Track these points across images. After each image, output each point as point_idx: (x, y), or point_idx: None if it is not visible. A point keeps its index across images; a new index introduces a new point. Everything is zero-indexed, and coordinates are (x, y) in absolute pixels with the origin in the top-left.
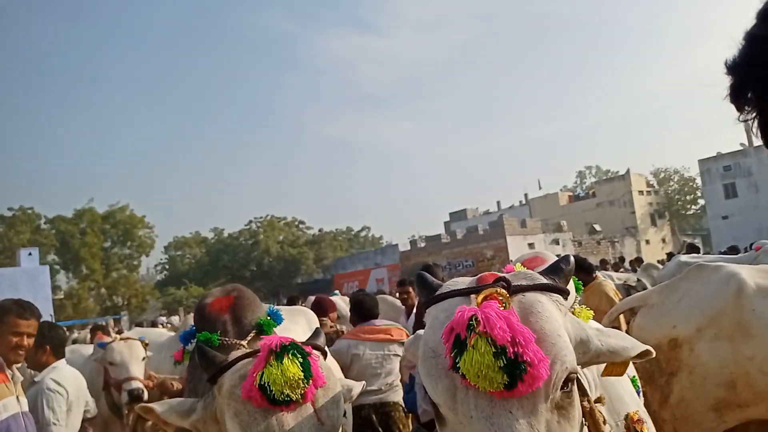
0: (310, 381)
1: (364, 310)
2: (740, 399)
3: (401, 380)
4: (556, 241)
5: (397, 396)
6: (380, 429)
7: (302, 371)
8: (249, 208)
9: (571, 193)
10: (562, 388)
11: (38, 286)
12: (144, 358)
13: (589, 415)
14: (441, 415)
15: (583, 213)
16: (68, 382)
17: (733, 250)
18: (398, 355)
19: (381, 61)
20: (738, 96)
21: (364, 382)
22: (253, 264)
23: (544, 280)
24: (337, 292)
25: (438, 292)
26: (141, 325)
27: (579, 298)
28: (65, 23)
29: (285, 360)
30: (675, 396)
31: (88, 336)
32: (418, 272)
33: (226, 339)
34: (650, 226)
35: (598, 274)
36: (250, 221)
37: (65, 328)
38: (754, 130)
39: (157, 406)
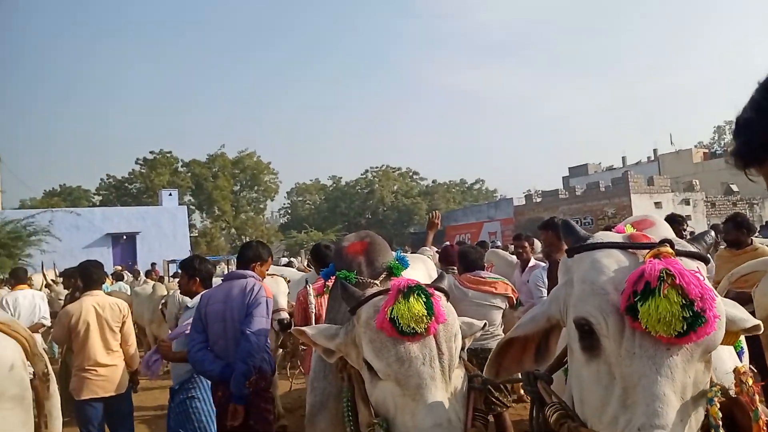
0: (432, 317)
1: (468, 261)
2: None
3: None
4: (687, 201)
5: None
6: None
7: (425, 309)
8: (366, 158)
9: (706, 150)
10: None
11: (178, 224)
12: (287, 293)
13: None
14: (594, 345)
15: (719, 172)
16: None
17: None
18: (500, 308)
19: (502, 5)
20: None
21: (485, 321)
22: (369, 212)
23: (693, 249)
24: (447, 243)
25: (592, 241)
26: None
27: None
28: None
29: (411, 298)
30: None
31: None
32: (563, 220)
33: (362, 278)
34: None
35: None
36: (367, 170)
37: (213, 263)
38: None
39: (308, 330)
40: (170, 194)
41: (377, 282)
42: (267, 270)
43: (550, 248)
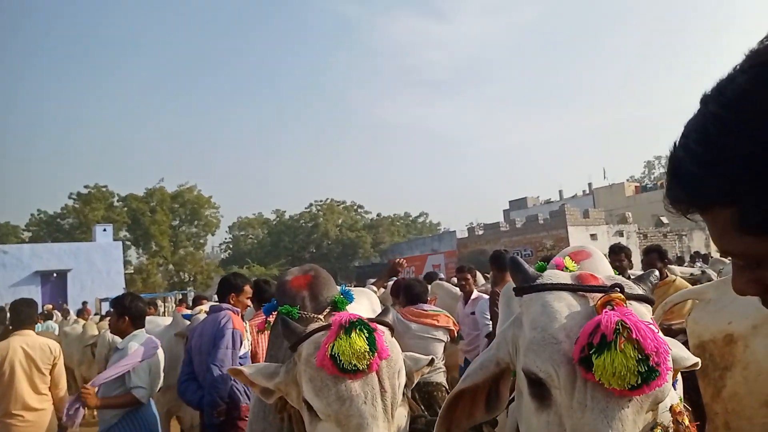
0: (375, 353)
1: (412, 294)
2: None
3: (458, 362)
4: (620, 233)
5: (440, 377)
6: (422, 407)
7: (368, 344)
8: (310, 192)
9: (638, 184)
10: None
11: (112, 260)
12: None
13: None
14: (545, 395)
15: (650, 205)
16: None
17: None
18: (441, 340)
19: (443, 46)
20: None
21: (432, 356)
22: (313, 246)
23: (640, 290)
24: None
25: (540, 282)
26: (199, 300)
27: None
28: (146, 10)
29: (353, 334)
30: (728, 390)
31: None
32: (511, 257)
33: (305, 313)
34: None
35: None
36: (311, 204)
37: (146, 301)
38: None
39: (246, 369)
40: (104, 230)
41: (321, 317)
42: (247, 297)
43: (495, 280)
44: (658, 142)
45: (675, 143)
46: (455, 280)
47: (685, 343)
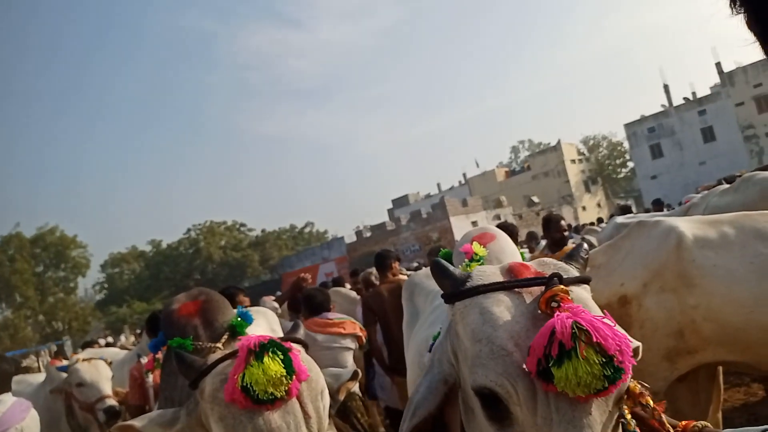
0: (293, 376)
1: (315, 304)
2: (689, 346)
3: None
4: (498, 217)
5: (354, 387)
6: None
7: (284, 368)
8: (187, 216)
9: (507, 169)
10: None
11: None
12: (111, 377)
13: None
14: (504, 416)
15: (520, 186)
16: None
17: (657, 203)
18: (350, 348)
19: (307, 55)
20: None
21: (355, 368)
22: (197, 272)
23: (574, 271)
24: (279, 293)
25: (473, 284)
26: (88, 346)
27: None
28: None
29: (265, 358)
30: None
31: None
32: (435, 261)
33: (200, 343)
34: (585, 192)
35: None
36: (189, 229)
37: (12, 359)
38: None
39: (136, 422)
40: None
41: (219, 345)
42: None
43: (380, 280)
44: (519, 127)
45: None
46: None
47: None
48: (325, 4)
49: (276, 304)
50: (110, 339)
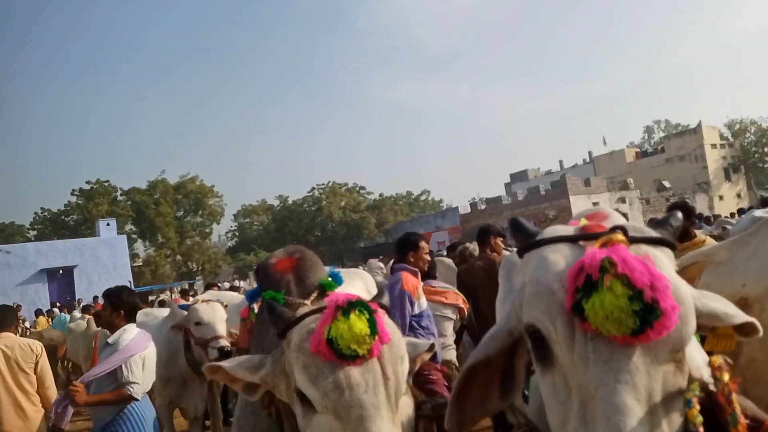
0: (376, 337)
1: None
2: None
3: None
4: (622, 200)
5: (450, 355)
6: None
7: (369, 327)
8: (312, 175)
9: (638, 150)
10: None
11: (117, 254)
12: (226, 318)
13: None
14: (547, 355)
15: (651, 169)
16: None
17: None
18: (451, 318)
19: (437, 21)
20: None
21: (432, 341)
22: (318, 229)
23: (655, 234)
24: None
25: (540, 237)
26: (211, 287)
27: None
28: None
29: (352, 316)
30: (745, 357)
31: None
32: (512, 218)
33: (290, 298)
34: (724, 180)
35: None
36: (313, 188)
37: (141, 294)
38: None
39: (225, 363)
40: (108, 224)
41: (308, 302)
42: (425, 254)
43: (479, 253)
44: (657, 106)
45: None
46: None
47: None
48: None
49: (381, 264)
50: (236, 283)
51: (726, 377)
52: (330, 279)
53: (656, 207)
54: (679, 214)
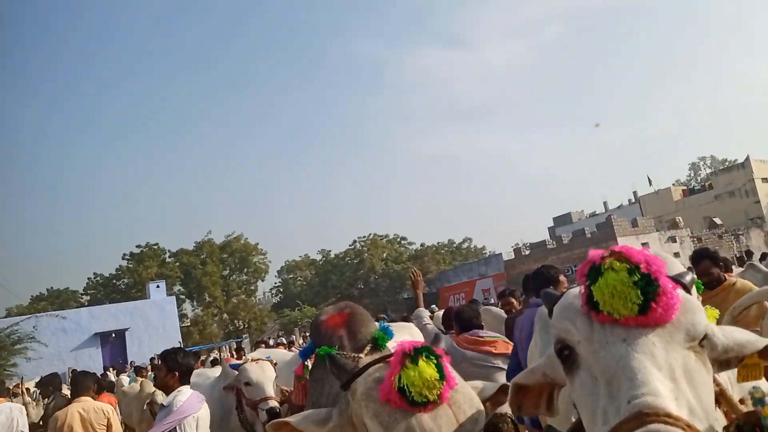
0: (444, 382)
1: (464, 320)
2: None
3: None
4: (673, 239)
5: (505, 408)
6: None
7: (437, 372)
8: (353, 229)
9: (685, 187)
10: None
11: (167, 315)
12: (275, 377)
13: (720, 395)
14: (574, 361)
15: (700, 207)
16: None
17: None
18: (502, 369)
19: (471, 73)
20: None
21: (500, 383)
22: (360, 282)
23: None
24: (434, 307)
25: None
26: (260, 345)
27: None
28: (174, 66)
29: (420, 362)
30: None
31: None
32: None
33: (344, 353)
34: None
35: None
36: (354, 241)
37: (195, 354)
38: None
39: (292, 419)
40: (158, 286)
41: (362, 356)
42: (564, 288)
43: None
44: (700, 143)
45: None
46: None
47: None
48: (491, 22)
49: (427, 313)
50: (282, 339)
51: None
52: (382, 332)
53: (709, 245)
54: (692, 275)
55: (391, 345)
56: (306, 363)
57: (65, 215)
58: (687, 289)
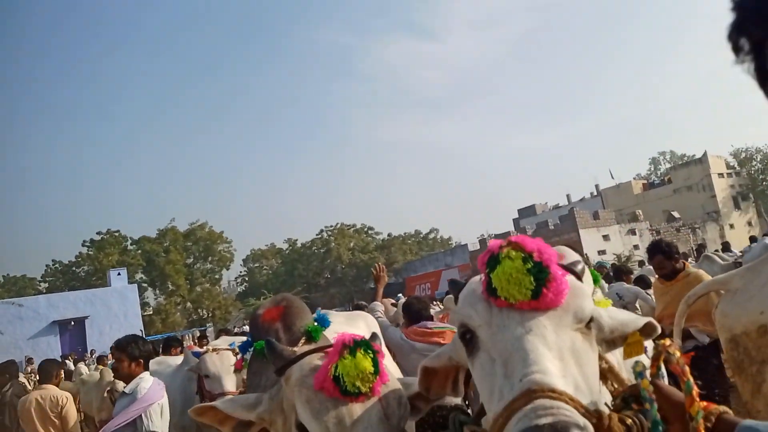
0: (378, 376)
1: (412, 312)
2: None
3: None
4: (632, 231)
5: (457, 399)
6: None
7: (373, 366)
8: (320, 218)
9: (645, 181)
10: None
11: (128, 303)
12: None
13: (609, 371)
14: (475, 344)
15: (659, 201)
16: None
17: None
18: None
19: (437, 64)
20: (737, 34)
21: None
22: (327, 271)
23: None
24: (400, 296)
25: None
26: (223, 333)
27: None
28: (143, 57)
29: (358, 354)
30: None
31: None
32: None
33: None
34: (733, 209)
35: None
36: (321, 230)
37: (153, 343)
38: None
39: (218, 403)
40: (119, 273)
41: (295, 349)
42: None
43: None
44: (661, 138)
45: None
46: None
47: (716, 342)
48: (458, 13)
49: (381, 307)
50: (246, 328)
51: (678, 353)
52: (315, 324)
53: (666, 238)
54: (582, 265)
55: (332, 335)
56: (245, 357)
57: (22, 200)
58: (578, 277)
